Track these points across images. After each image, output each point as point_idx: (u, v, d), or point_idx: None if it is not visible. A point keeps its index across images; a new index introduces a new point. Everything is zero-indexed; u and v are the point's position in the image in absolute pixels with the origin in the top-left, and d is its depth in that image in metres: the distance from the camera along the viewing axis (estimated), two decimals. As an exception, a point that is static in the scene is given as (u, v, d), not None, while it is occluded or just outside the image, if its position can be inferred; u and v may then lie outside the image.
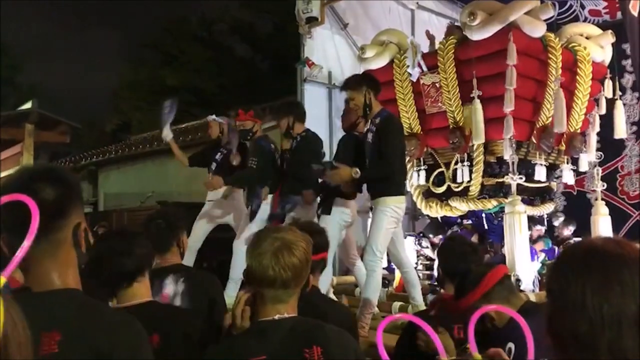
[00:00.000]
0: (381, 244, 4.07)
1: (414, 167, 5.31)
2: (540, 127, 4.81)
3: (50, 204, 1.25)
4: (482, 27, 4.53)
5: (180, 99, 7.06)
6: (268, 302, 1.62)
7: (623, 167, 6.64)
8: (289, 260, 1.57)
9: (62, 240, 1.28)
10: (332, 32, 6.59)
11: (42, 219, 1.23)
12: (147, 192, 8.73)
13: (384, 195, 4.11)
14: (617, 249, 1.10)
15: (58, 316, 1.23)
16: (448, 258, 2.72)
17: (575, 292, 1.08)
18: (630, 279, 1.05)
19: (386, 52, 5.22)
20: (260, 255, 1.58)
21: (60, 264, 1.28)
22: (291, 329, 1.60)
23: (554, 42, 4.76)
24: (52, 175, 1.30)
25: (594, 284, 1.07)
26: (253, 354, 1.55)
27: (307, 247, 1.64)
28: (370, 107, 4.24)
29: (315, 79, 6.26)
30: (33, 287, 1.28)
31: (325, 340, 1.59)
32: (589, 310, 1.06)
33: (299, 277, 1.61)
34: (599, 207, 5.19)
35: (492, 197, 4.83)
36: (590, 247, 1.15)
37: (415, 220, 6.81)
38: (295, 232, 1.68)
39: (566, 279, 1.13)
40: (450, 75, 4.77)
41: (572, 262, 1.14)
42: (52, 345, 1.19)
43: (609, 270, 1.08)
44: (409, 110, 5.13)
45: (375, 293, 4.09)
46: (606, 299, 1.06)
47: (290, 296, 1.63)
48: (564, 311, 1.12)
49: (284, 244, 1.59)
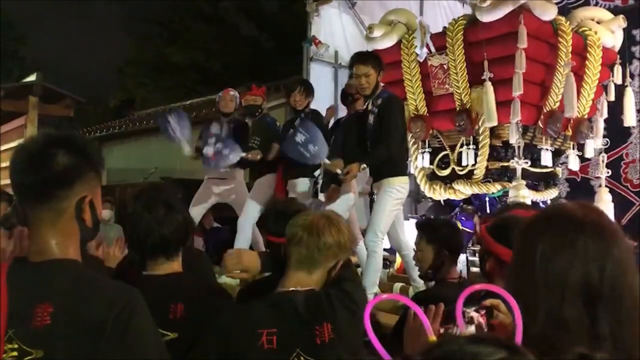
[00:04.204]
0: (383, 225, 4.07)
1: (419, 149, 5.28)
2: (547, 111, 4.78)
3: (55, 172, 1.24)
4: (492, 8, 4.47)
5: (184, 77, 7.01)
6: (291, 268, 1.66)
7: (628, 155, 6.60)
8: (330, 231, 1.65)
9: (62, 211, 1.26)
10: (340, 11, 6.53)
11: (45, 186, 1.24)
12: (151, 168, 8.71)
13: (388, 176, 4.10)
14: (581, 213, 1.03)
15: (52, 287, 1.21)
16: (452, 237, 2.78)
17: (528, 252, 1.03)
18: (584, 245, 0.99)
19: (394, 32, 5.17)
20: (305, 219, 1.67)
21: (59, 235, 1.26)
22: (303, 304, 1.61)
23: (564, 25, 4.70)
24: (68, 143, 1.28)
25: (545, 246, 1.01)
26: (265, 326, 1.56)
27: (349, 233, 1.71)
28: (377, 87, 4.22)
29: (321, 58, 6.22)
30: (30, 257, 1.26)
31: (335, 317, 1.59)
32: (535, 271, 1.00)
33: (331, 252, 1.66)
34: (603, 194, 5.17)
35: (496, 181, 4.82)
36: (556, 209, 1.10)
37: (418, 203, 6.81)
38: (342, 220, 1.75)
39: (524, 239, 1.08)
40: (458, 57, 4.73)
41: (535, 222, 1.09)
42: (45, 317, 1.17)
43: (564, 233, 1.01)
44: (415, 91, 5.10)
45: (376, 273, 4.10)
46: (552, 261, 0.99)
47: (315, 267, 1.66)
48: (516, 272, 1.06)
49: (329, 219, 1.67)
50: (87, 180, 1.29)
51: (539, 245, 1.01)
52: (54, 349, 1.16)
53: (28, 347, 1.15)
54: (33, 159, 1.25)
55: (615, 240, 1.00)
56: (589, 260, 0.97)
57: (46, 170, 1.24)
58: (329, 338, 1.57)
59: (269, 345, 1.53)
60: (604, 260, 0.97)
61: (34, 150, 1.26)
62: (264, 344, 1.53)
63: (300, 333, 1.57)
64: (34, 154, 1.26)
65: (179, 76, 19.17)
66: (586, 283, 0.96)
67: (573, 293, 0.95)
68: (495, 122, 4.55)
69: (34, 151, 1.26)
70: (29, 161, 1.25)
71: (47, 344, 1.16)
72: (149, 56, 20.09)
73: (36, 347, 1.15)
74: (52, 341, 1.16)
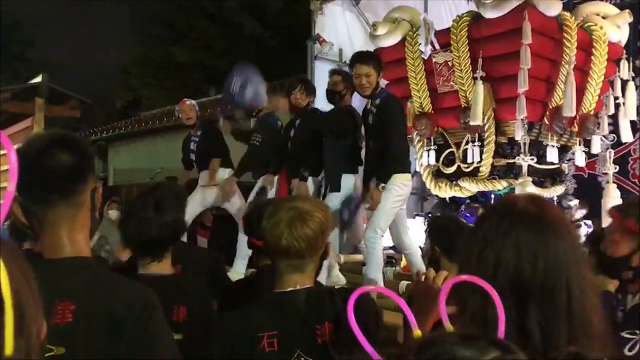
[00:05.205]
0: (384, 222, 4.06)
1: (424, 147, 5.27)
2: (553, 108, 4.75)
3: (70, 168, 1.27)
4: (497, 5, 4.45)
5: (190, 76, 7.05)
6: (284, 273, 1.60)
7: (635, 151, 6.56)
8: (303, 231, 1.54)
9: (81, 204, 1.30)
10: (344, 9, 6.52)
11: (63, 182, 1.26)
12: (157, 169, 8.75)
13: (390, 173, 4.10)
14: (522, 205, 1.00)
15: (72, 285, 1.22)
16: (446, 235, 2.71)
17: (470, 241, 1.00)
18: (516, 236, 0.95)
19: (398, 29, 5.15)
20: (275, 225, 1.56)
21: (78, 229, 1.29)
22: (305, 303, 1.58)
23: (570, 21, 4.67)
24: (70, 140, 1.32)
25: (482, 234, 0.98)
26: (266, 330, 1.54)
27: (323, 217, 1.60)
28: (377, 87, 4.24)
29: (326, 57, 6.21)
30: (46, 254, 1.27)
31: (337, 316, 1.56)
32: (472, 260, 0.96)
33: (314, 247, 1.58)
34: (611, 190, 5.14)
35: (502, 178, 4.79)
36: (502, 200, 1.07)
37: (425, 201, 6.80)
38: (312, 202, 1.65)
39: (473, 230, 1.04)
40: (463, 54, 4.70)
41: (483, 213, 1.06)
42: (67, 314, 1.18)
43: (500, 222, 0.97)
44: (420, 89, 5.08)
45: (378, 270, 4.09)
46: (486, 250, 0.95)
47: (307, 265, 1.60)
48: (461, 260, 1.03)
49: (299, 214, 1.56)
50: (94, 173, 1.36)
51: (479, 234, 0.99)
52: (75, 347, 1.17)
53: (48, 344, 1.15)
54: (50, 157, 1.26)
55: (555, 235, 0.97)
56: (521, 252, 0.94)
57: (68, 166, 1.27)
58: (330, 338, 1.55)
59: (270, 349, 1.51)
60: (538, 253, 0.94)
61: (46, 149, 1.27)
62: (265, 347, 1.51)
63: (301, 333, 1.55)
64: (48, 152, 1.27)
65: (185, 76, 19.22)
66: (518, 275, 0.93)
67: (503, 284, 0.92)
68: (481, 122, 4.54)
69: (46, 149, 1.27)
70: (47, 159, 1.26)
71: (69, 341, 1.17)
72: (154, 56, 20.15)
73: (57, 344, 1.16)
74: (74, 339, 1.17)
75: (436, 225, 2.86)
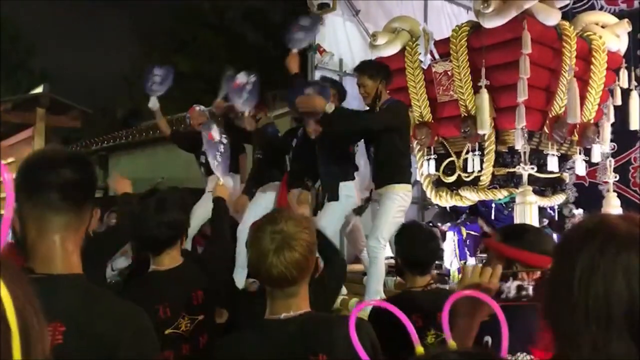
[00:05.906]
0: (386, 232, 4.05)
1: (424, 156, 5.27)
2: (552, 117, 4.75)
3: (87, 180, 1.30)
4: (496, 14, 4.47)
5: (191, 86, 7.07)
6: (276, 298, 1.55)
7: (636, 159, 6.55)
8: (292, 258, 1.48)
9: (84, 219, 1.30)
10: (344, 19, 6.54)
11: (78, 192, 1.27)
12: (158, 178, 8.74)
13: (391, 182, 4.10)
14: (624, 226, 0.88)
15: (63, 306, 1.19)
16: (409, 246, 2.54)
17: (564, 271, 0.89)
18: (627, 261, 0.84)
19: (398, 39, 5.17)
20: (262, 255, 1.49)
21: (73, 242, 1.27)
22: (298, 330, 1.51)
23: (568, 30, 4.69)
24: (84, 158, 1.37)
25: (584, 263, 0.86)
26: (256, 356, 1.50)
27: (309, 237, 1.54)
28: (380, 97, 4.23)
29: (326, 66, 6.23)
30: (37, 267, 1.25)
31: (332, 347, 1.49)
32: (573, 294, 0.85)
33: (305, 270, 1.54)
34: (611, 199, 5.13)
35: (502, 187, 4.79)
36: (596, 221, 0.92)
37: (425, 209, 6.78)
38: (295, 222, 1.55)
39: (561, 256, 0.93)
40: (462, 63, 4.71)
41: (572, 236, 0.93)
42: (57, 336, 1.15)
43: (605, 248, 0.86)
44: (420, 98, 5.09)
45: (379, 280, 4.08)
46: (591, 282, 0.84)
47: (300, 289, 1.55)
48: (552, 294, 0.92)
49: (284, 240, 1.49)
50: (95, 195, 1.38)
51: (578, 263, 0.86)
52: None
53: None
54: (70, 165, 1.26)
55: None
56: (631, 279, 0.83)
57: (85, 177, 1.29)
58: None
59: None
60: None
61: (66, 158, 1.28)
62: None
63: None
64: (68, 161, 1.27)
65: (186, 85, 19.26)
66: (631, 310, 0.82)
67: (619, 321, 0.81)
68: (488, 130, 4.53)
69: (66, 159, 1.28)
70: (67, 166, 1.26)
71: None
72: (155, 65, 20.17)
73: None
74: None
75: (403, 234, 2.66)
